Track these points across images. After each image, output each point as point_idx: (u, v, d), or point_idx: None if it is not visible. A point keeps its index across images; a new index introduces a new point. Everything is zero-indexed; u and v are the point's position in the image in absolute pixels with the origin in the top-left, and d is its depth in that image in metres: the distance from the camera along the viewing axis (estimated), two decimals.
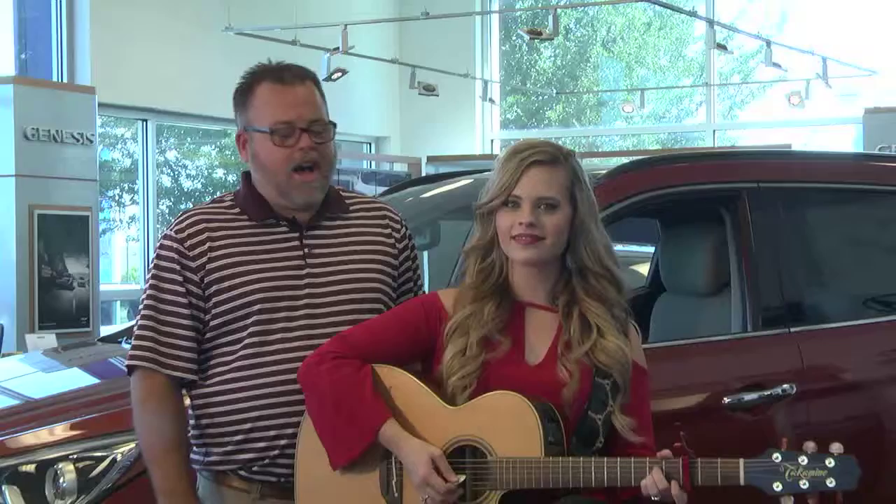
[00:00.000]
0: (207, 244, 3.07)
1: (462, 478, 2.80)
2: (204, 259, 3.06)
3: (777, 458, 2.72)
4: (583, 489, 2.80)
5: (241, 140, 3.15)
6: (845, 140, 13.10)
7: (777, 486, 2.71)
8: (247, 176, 3.19)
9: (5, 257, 8.84)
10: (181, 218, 3.14)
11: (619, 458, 2.80)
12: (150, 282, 3.11)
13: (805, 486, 2.70)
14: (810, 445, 2.72)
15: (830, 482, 2.68)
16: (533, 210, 2.88)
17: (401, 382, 2.93)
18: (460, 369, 2.87)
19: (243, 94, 3.13)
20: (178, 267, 3.07)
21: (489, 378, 2.87)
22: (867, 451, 2.76)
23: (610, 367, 2.87)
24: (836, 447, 2.70)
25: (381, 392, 2.90)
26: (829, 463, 2.69)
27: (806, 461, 2.70)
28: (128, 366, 3.11)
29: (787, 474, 2.71)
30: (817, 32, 12.70)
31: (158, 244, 3.14)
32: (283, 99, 3.07)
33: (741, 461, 2.74)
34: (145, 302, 3.11)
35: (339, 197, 3.22)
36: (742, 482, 2.73)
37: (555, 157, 2.91)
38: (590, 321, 2.91)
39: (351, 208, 3.22)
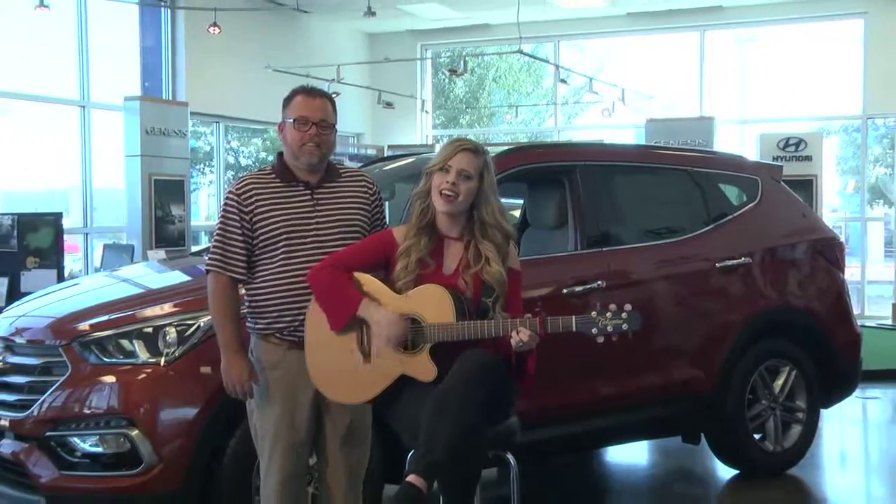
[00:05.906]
0: (254, 198, 3.01)
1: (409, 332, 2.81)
2: (252, 207, 3.01)
3: (594, 314, 2.75)
4: (480, 343, 2.79)
5: (280, 127, 3.09)
6: (635, 138, 13.12)
7: (594, 331, 2.75)
8: (280, 155, 3.12)
9: (135, 205, 8.76)
10: (239, 181, 3.07)
11: (500, 320, 2.80)
12: (220, 219, 3.05)
13: (610, 330, 2.74)
14: (612, 306, 2.76)
15: (625, 326, 2.74)
16: (457, 176, 2.86)
17: (369, 281, 2.90)
18: (404, 278, 2.87)
19: (287, 100, 3.08)
20: (236, 211, 3.01)
21: (420, 283, 2.86)
22: (643, 316, 2.78)
23: (491, 284, 2.86)
24: (628, 307, 2.76)
25: (357, 286, 2.89)
26: (624, 315, 2.74)
27: (610, 315, 2.74)
28: (205, 269, 3.06)
29: (599, 324, 2.74)
30: (620, 73, 12.71)
31: (225, 197, 3.07)
32: (307, 105, 3.02)
33: (573, 317, 2.77)
34: (217, 231, 3.05)
35: (335, 169, 3.15)
36: (574, 329, 2.76)
37: (476, 149, 2.92)
38: (481, 252, 2.89)
39: (342, 176, 3.16)
